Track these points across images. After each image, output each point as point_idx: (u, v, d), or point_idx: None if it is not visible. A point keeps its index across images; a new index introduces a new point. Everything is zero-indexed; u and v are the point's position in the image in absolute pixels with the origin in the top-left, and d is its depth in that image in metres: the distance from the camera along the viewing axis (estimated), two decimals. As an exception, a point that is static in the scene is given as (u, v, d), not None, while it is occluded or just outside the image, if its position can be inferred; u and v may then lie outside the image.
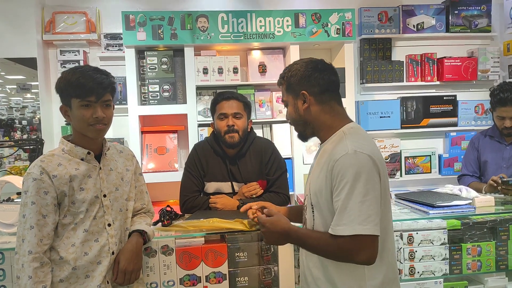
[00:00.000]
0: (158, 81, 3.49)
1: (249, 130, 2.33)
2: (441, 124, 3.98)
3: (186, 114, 3.46)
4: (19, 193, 2.13)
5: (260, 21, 3.46)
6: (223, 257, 1.88)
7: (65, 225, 1.56)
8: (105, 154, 1.67)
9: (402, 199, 2.28)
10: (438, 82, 3.97)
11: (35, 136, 3.51)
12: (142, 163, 3.45)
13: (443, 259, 2.04)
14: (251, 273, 1.92)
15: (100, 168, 1.63)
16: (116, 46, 3.64)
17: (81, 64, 3.58)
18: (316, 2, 3.90)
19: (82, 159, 1.60)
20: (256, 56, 3.70)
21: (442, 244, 2.04)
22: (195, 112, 3.48)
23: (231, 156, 2.29)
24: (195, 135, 3.46)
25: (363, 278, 1.39)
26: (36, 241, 1.48)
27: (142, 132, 3.54)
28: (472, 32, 4.01)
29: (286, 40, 3.51)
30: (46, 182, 1.51)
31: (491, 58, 3.96)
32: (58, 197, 1.53)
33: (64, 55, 3.60)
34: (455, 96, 3.99)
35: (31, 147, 3.00)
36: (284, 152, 3.54)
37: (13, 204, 2.15)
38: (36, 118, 3.57)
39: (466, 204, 2.07)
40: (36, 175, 1.51)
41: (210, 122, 3.53)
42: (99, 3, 3.69)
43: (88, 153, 1.60)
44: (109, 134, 3.61)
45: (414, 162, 3.93)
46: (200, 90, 3.60)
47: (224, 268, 1.88)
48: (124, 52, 3.43)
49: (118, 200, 1.66)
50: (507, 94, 2.57)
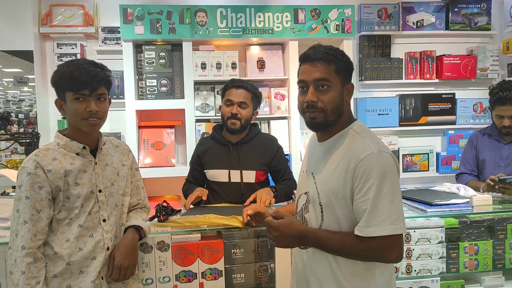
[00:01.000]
0: (156, 75, 3.46)
1: (253, 120, 2.41)
2: (440, 122, 3.97)
3: (184, 109, 3.44)
4: (14, 187, 2.11)
5: (259, 16, 3.44)
6: (219, 254, 1.86)
7: (59, 220, 1.54)
8: (101, 149, 1.65)
9: (399, 197, 2.27)
10: (437, 80, 3.96)
11: (31, 130, 3.49)
12: (139, 158, 3.43)
13: (440, 258, 2.04)
14: (248, 269, 1.91)
15: (96, 163, 1.61)
16: (113, 40, 3.61)
17: (78, 57, 3.55)
18: (315, -2, 3.89)
19: (77, 154, 1.58)
20: (255, 51, 3.68)
21: (439, 242, 2.03)
22: (192, 107, 3.46)
23: (233, 143, 2.36)
24: (193, 131, 3.45)
25: (373, 276, 1.38)
26: (29, 236, 1.46)
27: (139, 127, 3.52)
28: (472, 30, 4.00)
29: (285, 36, 3.48)
30: (40, 177, 1.49)
31: (491, 56, 3.95)
32: (52, 192, 1.52)
33: (61, 48, 3.57)
34: (453, 94, 3.98)
35: (27, 141, 2.98)
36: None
37: (8, 198, 2.13)
38: (33, 111, 3.55)
39: (464, 203, 2.06)
40: (30, 169, 1.49)
41: (209, 117, 3.56)
42: (97, -4, 3.66)
43: (84, 147, 1.58)
44: (105, 129, 3.61)
45: (412, 160, 3.92)
46: (198, 85, 3.58)
47: (220, 265, 1.87)
48: (121, 46, 3.40)
49: (114, 196, 1.65)
50: (506, 93, 2.56)
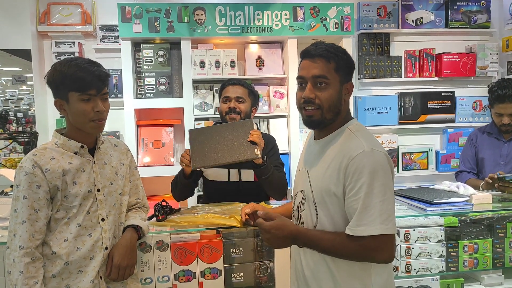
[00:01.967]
0: (154, 74, 3.46)
1: (252, 117, 2.37)
2: (439, 120, 3.97)
3: (183, 108, 3.43)
4: (13, 186, 2.11)
5: (258, 15, 3.43)
6: (218, 253, 1.86)
7: (57, 219, 1.53)
8: (99, 148, 1.65)
9: (399, 195, 2.26)
10: (436, 78, 3.96)
11: (30, 129, 3.48)
12: (137, 157, 3.42)
13: (440, 256, 2.03)
14: (247, 269, 1.91)
15: (94, 162, 1.61)
16: (112, 38, 3.60)
17: (77, 56, 3.53)
18: (314, -4, 3.87)
19: (75, 153, 1.57)
20: (254, 50, 3.67)
21: (439, 241, 2.02)
22: (191, 106, 3.45)
23: None
24: (192, 129, 3.44)
25: (369, 277, 1.37)
26: (27, 236, 1.45)
27: (138, 126, 3.51)
28: (471, 28, 4.00)
29: (284, 34, 3.47)
30: (38, 176, 1.49)
31: (490, 54, 3.94)
32: (50, 191, 1.51)
33: (59, 47, 3.56)
34: (453, 92, 3.98)
35: (26, 140, 2.97)
36: (281, 147, 3.48)
37: (6, 197, 2.12)
38: (31, 110, 3.54)
39: (464, 201, 2.05)
40: (28, 169, 1.48)
41: (208, 115, 3.55)
42: (95, -6, 3.64)
43: (82, 146, 1.58)
44: (104, 128, 3.59)
45: (411, 158, 3.92)
46: (197, 83, 3.57)
47: (219, 264, 1.86)
48: (120, 44, 3.39)
49: (112, 195, 1.64)
50: (505, 91, 2.56)
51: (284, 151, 3.58)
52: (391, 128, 3.93)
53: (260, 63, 3.62)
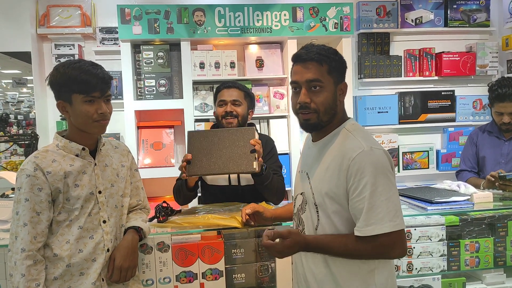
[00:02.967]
0: (154, 75, 3.46)
1: (249, 120, 2.33)
2: (439, 119, 3.97)
3: (183, 109, 3.44)
4: (14, 189, 2.11)
5: (258, 15, 3.43)
6: (219, 254, 1.86)
7: (59, 222, 1.53)
8: (100, 150, 1.65)
9: (400, 194, 2.23)
10: (436, 77, 3.96)
11: (31, 131, 3.48)
12: (138, 159, 3.42)
13: (441, 256, 2.03)
14: (248, 269, 1.91)
15: (95, 164, 1.61)
16: (111, 40, 3.60)
17: (76, 58, 3.53)
18: (314, -4, 3.88)
19: (76, 155, 1.57)
20: (254, 50, 3.67)
21: (440, 240, 2.02)
22: (191, 107, 3.45)
23: None
24: (192, 130, 3.44)
25: (372, 275, 1.37)
26: (29, 239, 1.45)
27: (138, 127, 3.52)
28: (471, 27, 4.00)
29: (283, 35, 3.48)
30: (40, 179, 1.49)
31: (490, 53, 3.94)
32: (52, 193, 1.51)
33: (58, 49, 3.56)
34: (453, 91, 3.98)
35: (26, 142, 2.97)
36: (281, 147, 3.52)
37: (7, 200, 2.12)
38: (32, 112, 3.54)
39: (465, 200, 2.05)
40: (29, 171, 1.48)
41: (208, 117, 3.56)
42: (94, -4, 3.65)
43: (83, 149, 1.58)
44: (107, 128, 3.59)
45: (411, 157, 3.92)
46: (197, 85, 3.57)
47: (220, 265, 1.86)
48: (119, 46, 3.39)
49: (114, 197, 1.64)
50: (505, 89, 2.56)
51: (285, 152, 3.58)
52: (391, 127, 3.93)
53: (260, 63, 3.62)
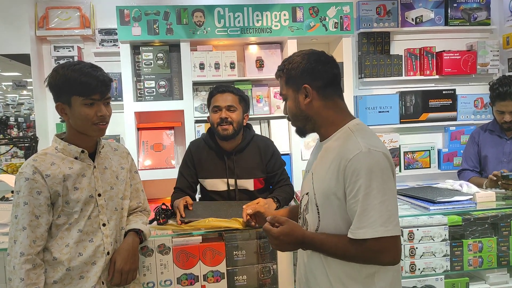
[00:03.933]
0: (154, 76, 3.45)
1: (245, 124, 2.30)
2: (441, 118, 3.95)
3: (183, 110, 3.42)
4: (13, 192, 2.10)
5: (257, 15, 3.41)
6: (221, 256, 1.85)
7: (59, 225, 1.52)
8: (100, 152, 1.64)
9: (402, 195, 2.25)
10: (437, 76, 3.94)
11: (31, 134, 3.47)
12: (138, 160, 3.41)
13: (444, 256, 2.02)
14: (250, 271, 1.90)
15: (95, 167, 1.60)
16: (111, 42, 3.59)
17: (76, 60, 3.52)
18: (313, -4, 3.86)
19: (76, 158, 1.56)
20: (253, 51, 3.66)
21: (443, 240, 2.01)
22: (191, 108, 3.44)
23: (229, 151, 2.27)
24: (192, 132, 3.43)
25: (372, 279, 1.34)
26: (28, 243, 1.44)
27: (138, 129, 3.50)
28: (471, 25, 3.98)
29: (283, 35, 3.46)
30: (39, 182, 1.48)
31: (491, 51, 3.93)
32: (51, 197, 1.50)
33: (58, 51, 3.55)
34: (454, 90, 3.96)
35: (26, 145, 2.96)
36: (282, 148, 3.51)
37: (7, 203, 2.11)
38: (32, 115, 3.53)
39: (467, 200, 2.04)
40: (28, 174, 1.47)
41: (207, 116, 3.53)
42: (93, -2, 3.64)
43: (82, 151, 1.57)
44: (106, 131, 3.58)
45: (413, 157, 3.90)
46: (197, 85, 3.56)
47: (222, 267, 1.85)
48: (119, 47, 3.38)
49: (113, 199, 1.63)
50: (506, 88, 2.54)
51: (285, 152, 3.56)
52: (392, 127, 3.91)
53: (260, 64, 3.61)
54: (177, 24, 3.33)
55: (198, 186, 2.37)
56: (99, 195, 1.58)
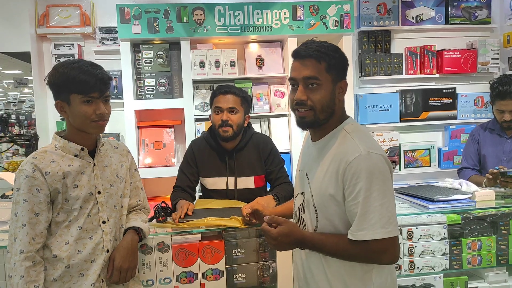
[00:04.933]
0: (154, 75, 3.45)
1: (245, 125, 2.31)
2: (441, 117, 3.95)
3: (183, 109, 3.43)
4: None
5: (257, 14, 3.41)
6: (220, 254, 1.85)
7: (58, 222, 1.52)
8: (99, 150, 1.64)
9: (401, 193, 2.25)
10: (437, 75, 3.94)
11: (33, 132, 3.47)
12: (138, 158, 3.41)
13: (443, 254, 2.02)
14: (249, 269, 1.90)
15: (94, 165, 1.60)
16: (111, 40, 3.59)
17: (76, 58, 3.53)
18: (314, -6, 3.86)
19: (75, 156, 1.57)
20: (254, 49, 3.66)
21: (442, 239, 2.01)
22: (192, 106, 3.44)
23: (229, 150, 2.28)
24: (192, 130, 3.43)
25: (370, 275, 1.36)
26: (28, 240, 1.45)
27: (139, 127, 3.51)
28: (472, 24, 3.98)
29: (284, 33, 3.46)
30: (38, 180, 1.48)
31: (491, 50, 3.92)
32: (51, 194, 1.50)
33: (58, 49, 3.55)
34: (454, 88, 3.96)
35: (26, 143, 2.97)
36: (282, 146, 3.51)
37: (7, 201, 2.11)
38: (33, 113, 3.53)
39: (466, 198, 2.04)
40: (28, 172, 1.47)
41: (208, 115, 3.53)
42: (94, -4, 3.64)
43: (82, 149, 1.57)
44: (105, 129, 3.59)
45: (413, 155, 3.90)
46: (197, 84, 3.56)
47: (221, 265, 1.85)
48: (119, 45, 3.38)
49: (113, 197, 1.63)
50: (506, 87, 2.54)
51: (285, 150, 3.56)
52: (392, 125, 3.91)
53: (260, 62, 3.61)
54: (177, 22, 3.33)
55: (198, 186, 2.37)
56: (99, 192, 1.58)
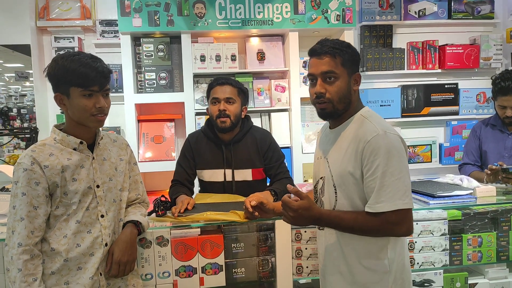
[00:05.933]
0: (155, 68, 3.43)
1: (243, 116, 2.31)
2: (442, 112, 3.93)
3: (183, 102, 3.41)
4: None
5: (259, 7, 3.39)
6: (219, 248, 1.85)
7: (57, 216, 1.52)
8: (98, 143, 1.63)
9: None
10: (439, 70, 3.91)
11: (35, 125, 3.47)
12: (138, 152, 3.41)
13: (443, 250, 2.01)
14: (248, 264, 1.90)
15: (93, 158, 1.59)
16: (111, 33, 3.57)
17: (77, 50, 3.51)
18: (316, -12, 3.83)
19: (74, 149, 1.56)
20: (255, 43, 3.64)
21: (442, 234, 2.01)
22: (192, 100, 3.43)
23: (226, 141, 2.28)
24: (193, 124, 3.42)
25: (385, 251, 1.48)
26: (26, 233, 1.44)
27: (139, 121, 3.50)
28: (475, 19, 3.94)
29: (285, 27, 3.44)
30: (37, 173, 1.47)
31: (494, 45, 3.89)
32: (49, 188, 1.50)
33: (58, 42, 3.54)
34: (456, 84, 3.94)
35: (27, 136, 2.96)
36: (283, 141, 3.50)
37: (7, 194, 2.11)
38: (35, 106, 3.52)
39: (467, 194, 2.03)
40: (26, 165, 1.47)
41: (206, 108, 3.52)
42: (94, -11, 3.61)
43: (81, 142, 1.56)
44: (105, 123, 3.57)
45: (414, 151, 3.89)
46: (198, 78, 3.55)
47: (220, 259, 1.85)
48: (119, 39, 3.36)
49: (112, 191, 1.63)
50: (508, 83, 2.52)
51: (286, 145, 3.55)
52: (394, 121, 3.89)
53: (261, 56, 3.59)
54: (178, 15, 3.31)
55: (196, 180, 2.37)
56: (98, 186, 1.58)
